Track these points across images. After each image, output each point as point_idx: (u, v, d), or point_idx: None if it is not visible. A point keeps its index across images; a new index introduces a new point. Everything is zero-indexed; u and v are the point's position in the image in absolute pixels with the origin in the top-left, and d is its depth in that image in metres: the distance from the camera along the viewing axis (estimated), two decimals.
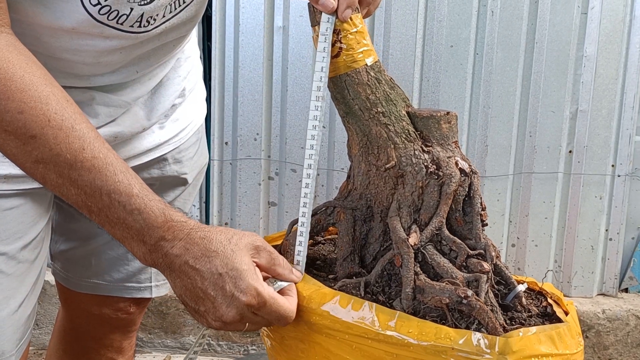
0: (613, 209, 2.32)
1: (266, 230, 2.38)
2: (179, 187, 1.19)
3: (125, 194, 0.78)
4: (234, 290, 0.77)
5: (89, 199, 0.78)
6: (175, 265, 0.79)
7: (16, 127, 0.74)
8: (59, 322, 1.33)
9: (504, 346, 0.74)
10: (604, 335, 2.31)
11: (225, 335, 2.35)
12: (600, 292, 2.39)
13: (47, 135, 0.75)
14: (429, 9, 2.20)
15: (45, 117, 0.75)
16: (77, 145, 0.76)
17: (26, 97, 0.74)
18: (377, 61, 0.87)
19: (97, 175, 0.77)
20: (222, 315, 0.78)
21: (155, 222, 0.79)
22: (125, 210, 0.78)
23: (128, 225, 0.79)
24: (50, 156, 0.76)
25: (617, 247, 2.34)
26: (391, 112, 0.86)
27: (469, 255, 0.83)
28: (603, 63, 2.21)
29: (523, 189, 2.30)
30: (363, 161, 0.87)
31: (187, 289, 0.79)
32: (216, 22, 2.24)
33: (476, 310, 0.77)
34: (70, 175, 0.76)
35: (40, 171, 0.77)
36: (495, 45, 2.20)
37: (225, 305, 0.77)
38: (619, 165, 2.28)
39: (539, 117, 2.24)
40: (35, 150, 0.75)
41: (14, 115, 0.74)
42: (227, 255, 0.78)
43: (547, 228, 2.33)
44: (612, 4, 2.17)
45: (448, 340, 0.75)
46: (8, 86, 0.73)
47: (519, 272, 2.35)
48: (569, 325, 0.80)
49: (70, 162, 0.76)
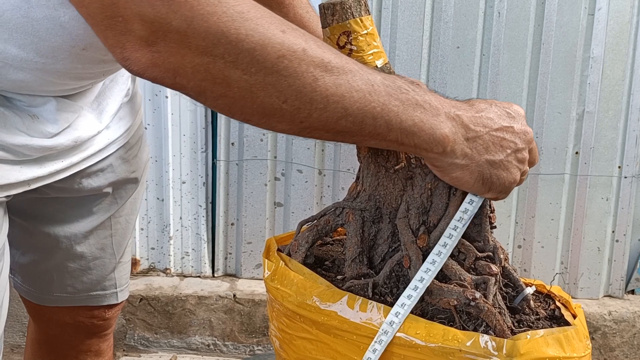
0: (620, 211, 2.31)
1: (272, 230, 2.38)
2: (131, 187, 1.19)
3: (392, 77, 0.77)
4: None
5: (371, 97, 0.74)
6: (470, 127, 0.79)
7: (287, 47, 0.69)
8: (31, 335, 1.31)
9: (512, 349, 0.74)
10: (610, 337, 2.31)
11: (231, 335, 2.36)
12: (607, 293, 2.39)
13: (311, 46, 0.71)
14: (435, 10, 2.20)
15: (299, 32, 0.71)
16: (330, 51, 0.73)
17: (277, 21, 0.70)
18: (387, 63, 0.87)
19: (362, 69, 0.75)
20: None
21: (426, 90, 0.79)
22: (402, 89, 0.76)
23: (414, 102, 0.77)
24: (323, 66, 0.71)
25: (624, 248, 2.34)
26: None
27: (477, 257, 0.83)
28: (610, 64, 2.21)
29: (529, 190, 2.30)
30: (372, 162, 0.88)
31: (487, 146, 0.80)
32: None
33: (484, 313, 0.77)
34: (347, 79, 0.72)
35: (321, 89, 0.71)
36: (502, 46, 2.20)
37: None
38: (625, 166, 2.28)
39: (545, 118, 2.24)
40: (311, 66, 0.70)
41: (280, 36, 0.69)
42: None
43: (554, 229, 2.33)
44: (619, 5, 2.17)
45: (456, 342, 0.75)
46: (261, 14, 0.69)
47: (525, 274, 2.35)
48: (577, 328, 0.80)
49: (339, 65, 0.72)
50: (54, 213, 1.12)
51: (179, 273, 2.46)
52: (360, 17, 0.84)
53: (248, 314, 2.33)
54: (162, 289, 2.36)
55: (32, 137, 0.92)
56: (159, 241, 2.43)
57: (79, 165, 1.05)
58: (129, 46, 0.67)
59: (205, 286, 2.38)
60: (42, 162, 0.97)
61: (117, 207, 1.17)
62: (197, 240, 2.42)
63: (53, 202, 1.10)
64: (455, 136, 0.78)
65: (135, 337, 2.37)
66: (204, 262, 2.44)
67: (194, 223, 2.41)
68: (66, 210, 1.12)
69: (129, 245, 1.24)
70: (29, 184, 0.96)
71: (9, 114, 0.90)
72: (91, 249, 1.16)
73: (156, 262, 2.45)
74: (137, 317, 2.34)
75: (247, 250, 2.41)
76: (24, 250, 1.16)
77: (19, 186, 0.95)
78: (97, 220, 1.15)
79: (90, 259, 1.17)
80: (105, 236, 1.17)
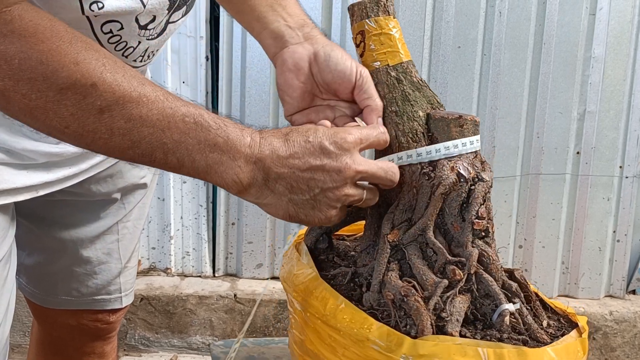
0: (621, 211, 2.31)
1: (273, 230, 2.38)
2: (139, 193, 1.18)
3: (198, 113, 0.75)
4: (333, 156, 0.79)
5: (164, 134, 0.73)
6: (272, 169, 0.78)
7: (74, 80, 0.70)
8: (35, 336, 1.32)
9: (412, 347, 0.74)
10: (611, 337, 2.30)
11: (231, 335, 2.35)
12: (608, 293, 2.39)
13: (106, 79, 0.71)
14: (436, 9, 2.20)
15: (99, 62, 0.71)
16: (136, 82, 0.72)
17: (78, 48, 0.70)
18: (402, 62, 0.88)
19: (165, 104, 0.73)
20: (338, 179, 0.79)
21: (238, 129, 0.77)
22: (204, 128, 0.75)
23: (213, 143, 0.75)
24: (114, 99, 0.71)
25: (625, 248, 2.34)
26: (405, 112, 0.87)
27: (447, 261, 0.83)
28: (611, 64, 2.21)
29: (530, 190, 2.30)
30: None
31: (291, 186, 0.78)
32: (224, 23, 2.24)
33: (413, 310, 0.78)
34: (140, 113, 0.72)
35: (106, 121, 0.71)
36: (503, 46, 2.20)
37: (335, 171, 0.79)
38: (626, 166, 2.28)
39: (546, 118, 2.24)
40: (98, 99, 0.70)
41: (71, 68, 0.69)
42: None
43: (555, 229, 2.33)
44: (621, 5, 2.17)
45: (367, 331, 0.77)
46: (58, 43, 0.69)
47: (526, 274, 2.34)
48: (521, 351, 0.75)
49: (136, 99, 0.72)
50: (61, 216, 1.11)
51: (179, 273, 2.46)
52: (376, 18, 0.88)
53: (249, 313, 2.33)
54: (163, 288, 2.36)
55: (37, 141, 0.92)
56: (159, 241, 2.43)
57: (88, 172, 1.04)
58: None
59: (206, 286, 2.38)
60: (50, 168, 0.96)
61: (124, 213, 1.16)
62: (197, 240, 2.42)
63: (60, 205, 1.09)
64: (253, 180, 0.78)
65: (136, 337, 2.37)
66: (204, 261, 2.44)
67: (195, 223, 2.41)
68: (73, 214, 1.12)
69: (136, 250, 1.24)
70: (37, 190, 0.95)
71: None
72: (97, 254, 1.16)
73: (157, 261, 2.45)
74: (137, 316, 2.34)
75: (247, 250, 2.41)
76: (29, 252, 1.16)
77: (26, 192, 0.94)
78: (104, 226, 1.15)
79: (96, 263, 1.17)
80: (112, 241, 1.17)
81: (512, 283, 0.85)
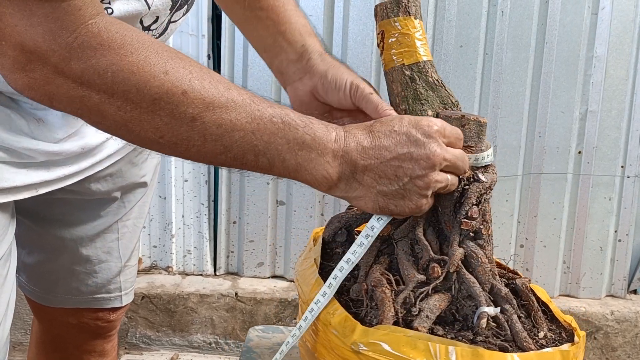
0: (622, 210, 2.31)
1: (274, 229, 2.38)
2: (140, 191, 1.18)
3: (284, 113, 0.76)
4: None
5: (254, 136, 0.75)
6: (359, 162, 0.78)
7: (166, 90, 0.71)
8: (35, 334, 1.32)
9: (362, 334, 0.76)
10: (613, 336, 2.30)
11: (232, 333, 2.36)
12: (609, 293, 2.39)
13: (195, 87, 0.72)
14: (438, 8, 2.19)
15: (186, 70, 0.72)
16: (222, 87, 0.74)
17: (165, 57, 0.71)
18: (418, 62, 0.89)
19: (252, 107, 0.75)
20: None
21: (323, 125, 0.78)
22: (291, 127, 0.76)
23: (302, 141, 0.76)
24: (204, 106, 0.72)
25: (626, 248, 2.34)
26: (414, 110, 0.88)
27: (431, 258, 0.83)
28: (613, 63, 2.21)
29: (532, 190, 2.30)
30: None
31: (379, 177, 0.79)
32: (225, 21, 2.24)
33: (378, 300, 0.80)
34: (230, 118, 0.74)
35: (199, 128, 0.72)
36: (505, 45, 2.20)
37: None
38: (628, 166, 2.27)
39: (548, 117, 2.24)
40: (190, 107, 0.71)
41: (161, 77, 0.70)
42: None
43: (556, 229, 2.32)
44: (623, 4, 2.16)
45: (331, 317, 0.80)
46: (146, 54, 0.70)
47: (527, 273, 2.34)
48: (476, 352, 0.74)
49: (224, 104, 0.73)
50: (61, 215, 1.11)
51: (180, 271, 2.46)
52: (395, 19, 0.89)
53: (250, 312, 2.33)
54: (164, 287, 2.36)
55: (37, 140, 0.92)
56: (161, 239, 2.43)
57: (88, 171, 1.04)
58: (6, 66, 0.70)
59: (207, 284, 2.39)
60: (50, 167, 0.96)
61: (124, 211, 1.16)
62: (199, 238, 2.42)
63: (60, 204, 1.09)
64: (341, 174, 0.78)
65: (137, 335, 2.37)
66: (205, 260, 2.44)
67: (196, 221, 2.41)
68: (73, 213, 1.12)
69: (136, 249, 1.24)
70: (37, 188, 0.95)
71: (14, 117, 0.89)
72: (97, 253, 1.16)
73: (158, 260, 2.45)
74: (139, 315, 2.35)
75: (249, 249, 2.41)
76: (30, 250, 1.16)
77: (26, 190, 0.94)
78: (104, 224, 1.15)
79: (96, 262, 1.17)
80: (111, 240, 1.17)
81: (503, 288, 0.84)
